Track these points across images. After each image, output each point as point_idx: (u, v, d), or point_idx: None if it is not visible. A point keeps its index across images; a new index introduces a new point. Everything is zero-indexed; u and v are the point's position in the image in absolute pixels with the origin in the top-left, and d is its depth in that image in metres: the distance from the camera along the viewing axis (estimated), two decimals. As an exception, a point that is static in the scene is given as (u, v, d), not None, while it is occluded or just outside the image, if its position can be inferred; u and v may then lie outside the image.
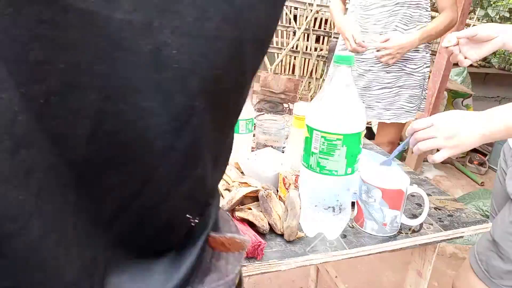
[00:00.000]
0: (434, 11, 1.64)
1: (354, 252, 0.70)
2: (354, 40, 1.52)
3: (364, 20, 1.53)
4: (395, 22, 1.48)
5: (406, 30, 1.49)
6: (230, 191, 0.77)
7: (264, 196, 0.71)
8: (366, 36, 1.53)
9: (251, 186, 0.75)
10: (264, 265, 0.64)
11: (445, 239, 0.79)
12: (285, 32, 3.91)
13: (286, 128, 1.09)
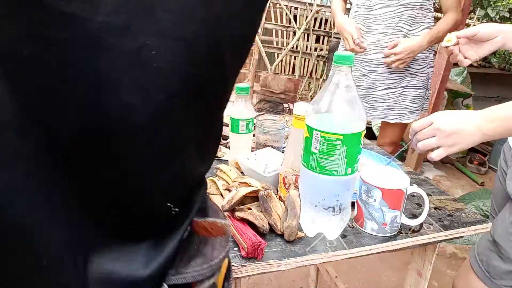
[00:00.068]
0: (435, 12, 1.64)
1: (354, 252, 0.70)
2: (353, 41, 1.52)
3: (368, 21, 1.53)
4: (400, 23, 1.48)
5: (410, 31, 1.49)
6: (230, 191, 0.77)
7: (264, 196, 0.71)
8: (371, 36, 1.53)
9: (251, 186, 0.75)
10: (264, 265, 0.64)
11: (445, 239, 0.79)
12: (285, 32, 3.91)
13: (286, 128, 1.09)
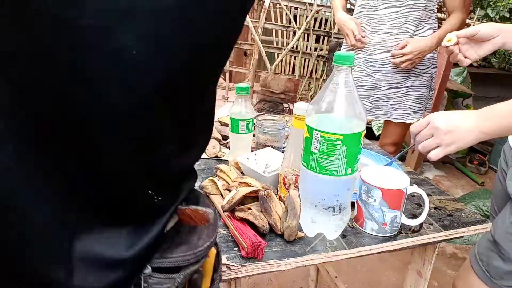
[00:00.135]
0: (438, 12, 1.64)
1: (354, 252, 0.70)
2: (354, 36, 1.52)
3: (373, 21, 1.53)
4: (405, 24, 1.48)
5: (415, 32, 1.50)
6: (230, 191, 0.77)
7: (264, 196, 0.71)
8: (376, 36, 1.53)
9: (251, 186, 0.75)
10: (264, 265, 0.64)
11: (445, 239, 0.79)
12: (285, 32, 3.91)
13: (286, 128, 1.08)
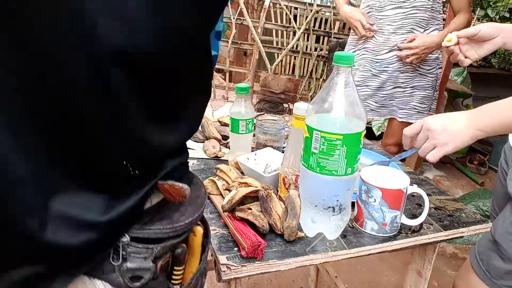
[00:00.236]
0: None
1: (354, 252, 0.70)
2: (363, 26, 1.52)
3: (379, 21, 1.53)
4: (412, 25, 1.49)
5: (421, 33, 1.50)
6: (230, 191, 0.77)
7: (264, 196, 0.71)
8: (382, 36, 1.54)
9: (251, 186, 0.75)
10: (264, 265, 0.64)
11: (445, 239, 0.79)
12: (285, 32, 3.91)
13: (286, 128, 1.08)
